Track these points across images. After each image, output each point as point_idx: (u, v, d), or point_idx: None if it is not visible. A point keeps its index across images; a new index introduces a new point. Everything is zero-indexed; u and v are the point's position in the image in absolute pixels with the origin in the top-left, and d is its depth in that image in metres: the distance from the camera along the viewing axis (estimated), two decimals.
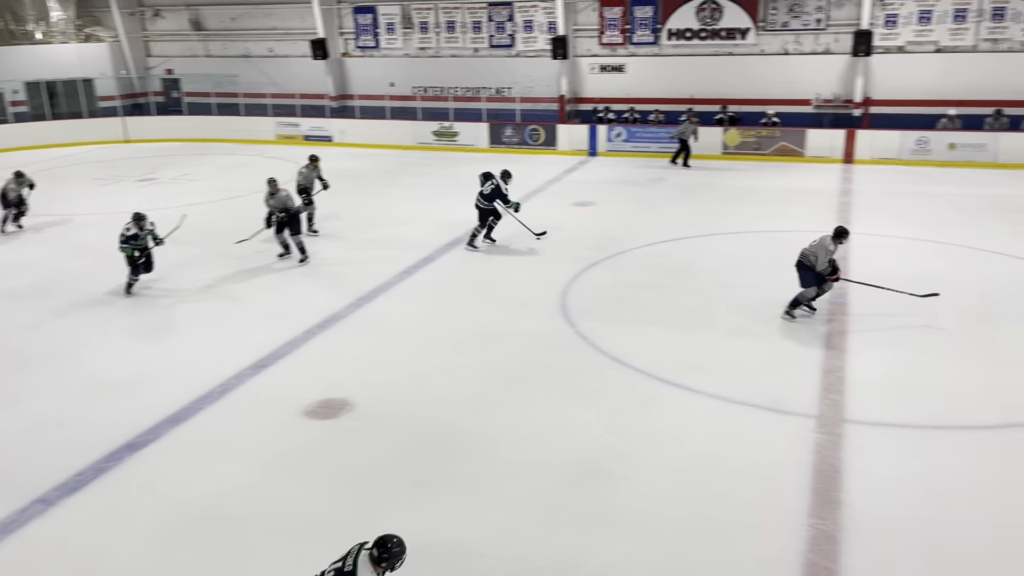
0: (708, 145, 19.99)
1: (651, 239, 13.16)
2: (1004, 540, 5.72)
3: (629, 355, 8.81)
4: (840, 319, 9.68)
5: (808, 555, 5.59)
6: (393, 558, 4.41)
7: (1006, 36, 18.95)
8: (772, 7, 20.67)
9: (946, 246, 12.34)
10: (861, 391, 7.89)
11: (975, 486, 6.35)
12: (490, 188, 12.82)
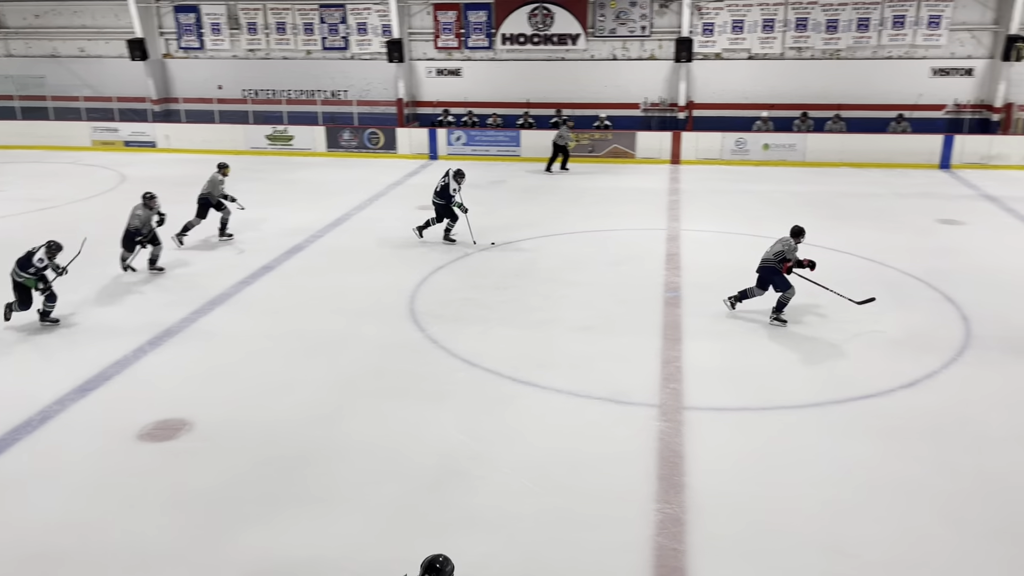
0: (546, 148, 20.48)
1: (495, 241, 13.33)
2: (827, 507, 6.22)
3: (479, 356, 8.89)
4: (674, 311, 10.20)
5: (657, 539, 5.85)
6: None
7: (808, 45, 20.66)
8: (600, 14, 21.48)
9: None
10: (697, 379, 8.35)
11: (798, 460, 6.87)
12: (440, 185, 13.01)
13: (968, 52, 20.14)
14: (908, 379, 8.27)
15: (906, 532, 5.91)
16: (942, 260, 11.99)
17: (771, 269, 9.74)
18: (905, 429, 7.34)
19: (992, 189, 16.68)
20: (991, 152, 18.79)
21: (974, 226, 13.96)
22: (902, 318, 9.87)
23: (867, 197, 16.25)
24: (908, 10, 19.90)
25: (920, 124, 20.00)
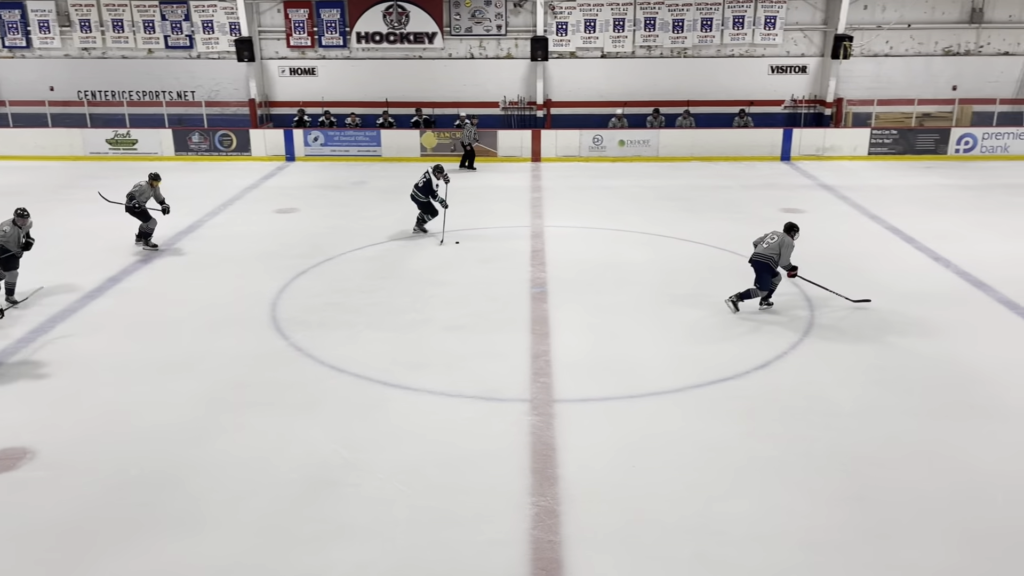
0: (406, 147, 20.38)
1: (359, 243, 13.09)
2: (693, 490, 6.47)
3: (347, 362, 8.69)
4: (542, 307, 10.34)
5: (532, 532, 5.90)
6: None
7: (657, 44, 21.48)
8: (456, 13, 21.51)
9: (624, 232, 13.69)
10: (566, 371, 8.49)
11: (665, 445, 7.10)
12: (423, 181, 13.40)
13: (802, 51, 21.53)
14: (762, 360, 8.73)
15: (767, 507, 6.22)
16: None
17: (766, 265, 9.82)
18: (761, 409, 7.73)
19: (827, 179, 17.90)
20: (825, 144, 20.17)
21: (813, 214, 14.92)
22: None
23: (717, 189, 17.06)
24: (747, 11, 21.05)
25: (761, 119, 21.21)
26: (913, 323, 9.68)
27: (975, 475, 6.61)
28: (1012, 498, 6.30)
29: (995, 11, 21.20)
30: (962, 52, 21.52)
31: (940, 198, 15.87)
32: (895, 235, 13.47)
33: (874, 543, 5.78)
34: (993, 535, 5.86)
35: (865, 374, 8.44)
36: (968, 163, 19.59)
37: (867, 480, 6.56)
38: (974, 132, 20.07)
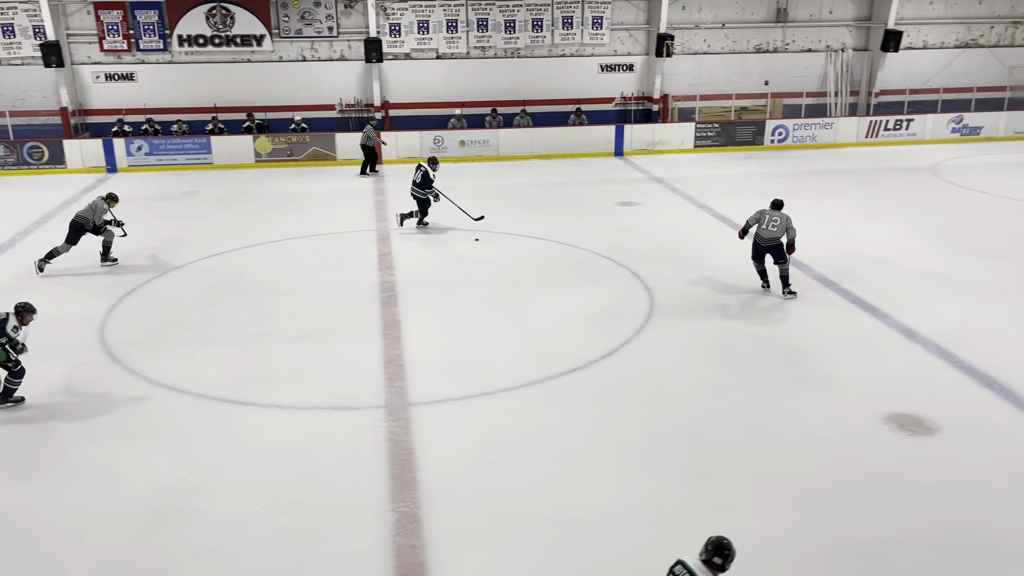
0: (240, 154, 19.60)
1: (194, 256, 12.48)
2: (549, 480, 6.62)
3: (188, 382, 8.28)
4: (392, 310, 10.26)
5: (395, 539, 5.85)
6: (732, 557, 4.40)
7: (491, 44, 21.75)
8: (284, 14, 20.88)
9: (470, 232, 13.79)
10: (420, 374, 8.47)
11: (520, 439, 7.24)
12: (420, 176, 13.52)
13: (628, 50, 22.45)
14: (607, 349, 9.05)
15: (620, 490, 6.47)
16: (625, 238, 13.27)
17: (779, 246, 10.26)
18: (609, 396, 8.02)
19: (658, 172, 18.77)
20: (654, 139, 21.14)
21: (647, 206, 15.62)
22: (597, 294, 10.77)
23: (556, 186, 17.51)
24: (574, 12, 21.71)
25: (595, 116, 21.96)
26: (743, 304, 10.34)
27: (804, 441, 7.15)
28: (837, 459, 6.86)
29: (798, 11, 22.95)
30: (771, 49, 23.15)
31: (759, 186, 17.00)
32: (722, 222, 14.31)
33: (718, 514, 6.13)
34: (823, 495, 6.37)
35: (702, 355, 8.93)
36: (782, 152, 21.11)
37: (708, 455, 6.96)
38: (786, 124, 21.66)
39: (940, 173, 18.19)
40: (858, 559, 5.63)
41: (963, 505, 6.20)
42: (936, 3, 23.48)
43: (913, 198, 15.91)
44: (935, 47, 23.83)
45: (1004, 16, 23.92)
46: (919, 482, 6.50)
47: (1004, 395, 7.87)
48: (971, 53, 23.94)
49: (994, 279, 11.12)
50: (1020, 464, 6.73)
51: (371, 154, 19.04)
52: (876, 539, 5.80)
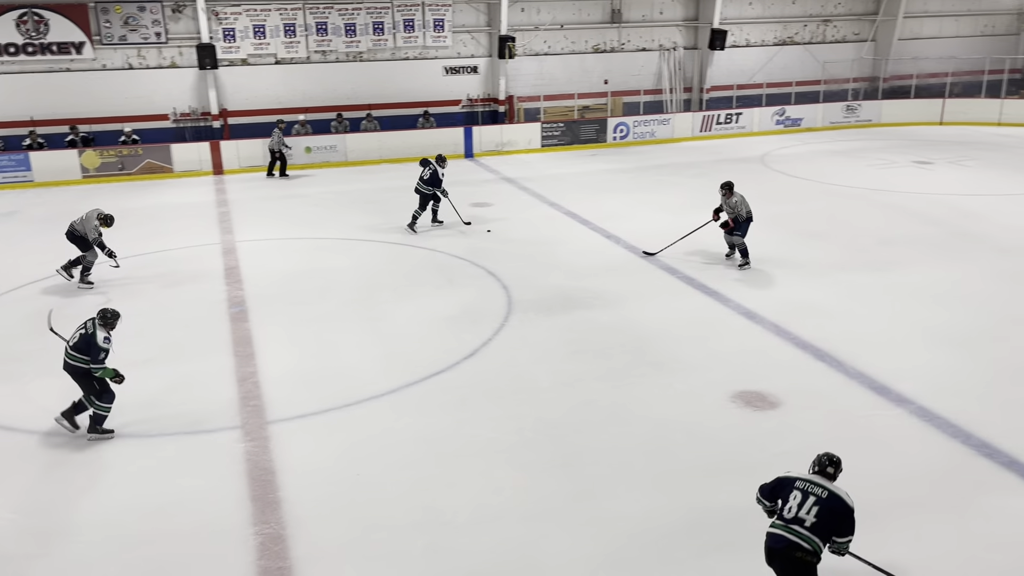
0: (64, 170, 18.30)
1: (16, 282, 11.52)
2: (417, 486, 6.57)
3: (17, 417, 7.64)
4: (243, 326, 9.86)
5: (260, 562, 5.63)
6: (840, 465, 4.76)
7: (332, 48, 21.34)
8: (105, 20, 19.62)
9: (321, 240, 13.49)
10: (277, 390, 8.18)
11: (385, 447, 7.14)
12: (429, 173, 13.71)
13: (471, 52, 22.63)
14: (468, 350, 9.08)
15: (488, 489, 6.50)
16: (479, 239, 13.36)
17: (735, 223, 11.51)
18: (472, 396, 8.05)
19: (508, 172, 19.04)
20: (503, 140, 21.43)
21: (500, 206, 15.79)
22: (455, 296, 10.78)
23: (408, 190, 17.27)
24: (415, 14, 21.65)
25: (443, 119, 21.99)
26: (595, 297, 10.64)
27: (660, 424, 7.44)
28: (691, 439, 7.18)
29: (631, 12, 23.89)
30: (608, 49, 23.98)
31: (605, 182, 17.57)
32: (572, 219, 14.68)
33: (583, 503, 6.29)
34: (680, 473, 6.65)
35: (560, 349, 9.12)
36: (624, 148, 21.91)
37: (571, 446, 7.11)
38: (626, 121, 22.49)
39: (768, 163, 19.43)
40: (716, 531, 5.91)
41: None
42: (755, 4, 25.07)
43: (746, 187, 16.82)
44: (757, 45, 25.44)
45: (815, 15, 25.86)
46: (766, 452, 6.90)
47: (835, 366, 8.49)
48: (788, 50, 25.72)
49: (820, 259, 11.99)
50: (852, 429, 7.28)
51: (281, 158, 18.83)
52: (731, 510, 6.11)
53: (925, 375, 8.22)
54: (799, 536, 4.57)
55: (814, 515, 4.59)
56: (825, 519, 4.59)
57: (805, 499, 4.66)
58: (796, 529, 4.60)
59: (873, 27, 26.42)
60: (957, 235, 12.97)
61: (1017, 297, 10.34)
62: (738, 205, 11.48)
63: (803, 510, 4.62)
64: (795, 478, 4.85)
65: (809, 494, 4.68)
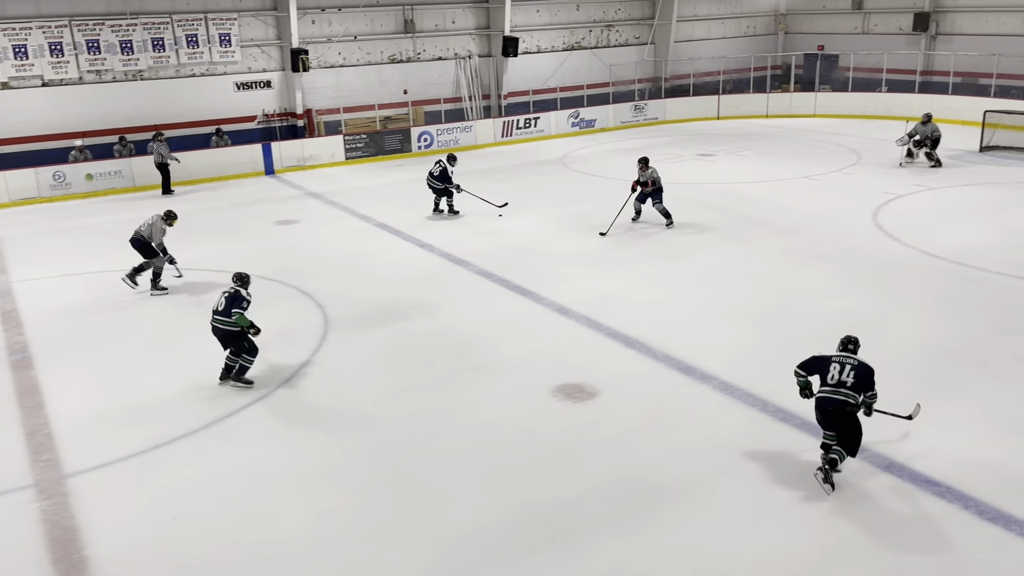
0: None
1: None
2: (245, 522, 6.24)
3: None
4: (28, 375, 8.96)
5: None
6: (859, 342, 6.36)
7: (108, 67, 19.85)
8: None
9: (113, 273, 12.47)
10: (73, 440, 7.50)
11: (203, 486, 6.74)
12: (439, 170, 14.58)
13: (263, 66, 21.85)
14: (286, 374, 8.76)
15: (318, 515, 6.29)
16: (289, 258, 12.93)
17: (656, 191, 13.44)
18: (295, 421, 7.77)
19: (313, 187, 18.56)
20: (305, 154, 20.86)
21: (308, 222, 15.37)
22: (267, 319, 10.32)
23: (208, 211, 16.54)
24: (198, 29, 20.60)
25: (239, 136, 21.08)
26: (414, 307, 10.60)
27: (486, 427, 7.53)
28: (517, 436, 7.32)
29: (424, 22, 24.03)
30: (405, 59, 23.99)
31: (414, 191, 17.51)
32: (384, 230, 14.55)
33: (416, 515, 6.24)
34: (510, 472, 6.75)
35: (382, 363, 9.01)
36: (430, 157, 21.80)
37: (401, 460, 7.04)
38: (430, 130, 22.59)
39: (568, 164, 20.21)
40: (548, 524, 6.06)
41: (626, 455, 6.95)
42: (543, 11, 26.01)
43: (549, 188, 17.50)
44: (548, 51, 26.41)
45: (599, 21, 27.22)
46: (588, 442, 7.16)
47: (644, 352, 8.97)
48: (577, 55, 26.91)
49: (623, 252, 12.62)
50: (665, 408, 7.72)
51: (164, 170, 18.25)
52: (560, 502, 6.29)
53: (724, 351, 8.86)
54: (844, 395, 6.24)
55: (852, 377, 6.25)
56: (859, 379, 6.24)
57: (843, 368, 6.31)
58: (842, 390, 6.25)
59: (651, 31, 28.19)
60: (741, 220, 14.09)
61: (796, 273, 11.39)
62: (653, 173, 13.50)
63: (843, 375, 6.28)
64: (830, 356, 6.42)
65: (845, 364, 6.33)
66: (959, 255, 11.66)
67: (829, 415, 6.30)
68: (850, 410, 6.24)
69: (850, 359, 6.36)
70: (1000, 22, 24.46)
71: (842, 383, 6.25)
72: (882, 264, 11.53)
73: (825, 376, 6.36)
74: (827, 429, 6.41)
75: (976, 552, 5.57)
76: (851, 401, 6.22)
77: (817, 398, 6.40)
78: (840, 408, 6.23)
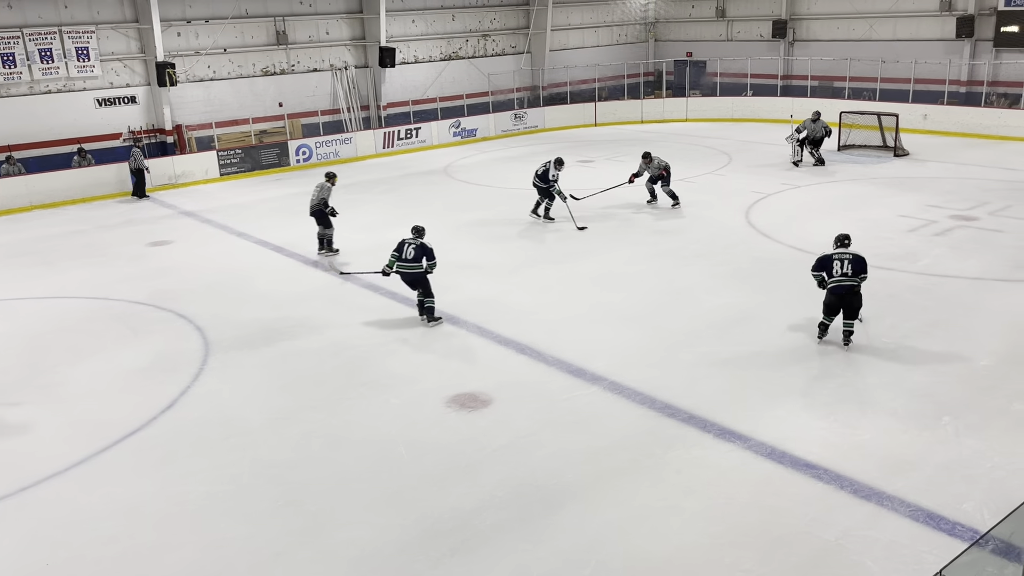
0: None
1: None
2: (124, 561, 5.92)
3: None
4: None
5: None
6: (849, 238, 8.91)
7: None
8: None
9: None
10: None
11: (81, 524, 6.35)
12: (542, 169, 14.48)
13: (126, 81, 20.86)
14: (167, 402, 8.36)
15: (208, 545, 6.04)
16: (163, 280, 12.36)
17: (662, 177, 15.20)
18: (179, 450, 7.43)
19: (187, 205, 17.84)
20: (176, 172, 20.02)
21: (183, 242, 14.75)
22: (143, 346, 9.88)
23: (71, 235, 15.63)
24: (52, 43, 19.45)
25: (103, 155, 20.01)
26: (299, 324, 10.33)
27: (382, 443, 7.41)
28: (414, 450, 7.24)
29: (296, 33, 23.53)
30: (279, 71, 23.41)
31: (294, 206, 17.05)
32: (264, 247, 14.14)
33: (312, 538, 6.07)
34: (408, 487, 6.67)
35: (269, 384, 8.74)
36: (310, 170, 21.46)
37: (294, 482, 6.84)
38: (308, 143, 22.12)
39: (452, 173, 20.23)
40: (448, 536, 6.02)
41: (522, 461, 7.00)
42: (418, 21, 25.96)
43: (434, 198, 17.45)
44: (425, 61, 26.37)
45: (475, 30, 27.40)
46: (484, 450, 7.17)
47: (535, 356, 9.06)
48: (455, 64, 26.99)
49: (510, 259, 12.73)
50: (557, 413, 7.81)
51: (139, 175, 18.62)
52: (459, 513, 6.26)
53: (612, 352, 9.06)
54: (850, 280, 8.61)
55: (850, 267, 8.60)
56: (856, 267, 8.61)
57: (843, 263, 8.63)
58: (845, 279, 8.61)
59: (527, 40, 28.60)
60: (623, 223, 14.47)
61: (674, 272, 11.78)
62: (659, 162, 15.07)
63: (845, 267, 8.62)
64: (831, 254, 8.75)
65: (844, 259, 8.64)
66: (826, 249, 12.30)
67: (842, 298, 8.68)
68: (855, 291, 8.65)
69: (846, 254, 8.68)
70: (850, 28, 26.13)
71: (844, 274, 8.60)
72: (756, 260, 12.08)
73: (831, 270, 8.69)
74: (834, 311, 8.81)
75: (855, 529, 5.89)
76: (855, 285, 8.63)
77: (830, 287, 8.74)
78: (848, 291, 8.65)
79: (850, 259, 8.61)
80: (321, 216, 13.18)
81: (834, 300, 8.72)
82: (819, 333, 9.04)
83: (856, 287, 8.62)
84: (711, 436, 7.23)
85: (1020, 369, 8.26)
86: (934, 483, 6.37)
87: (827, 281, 8.71)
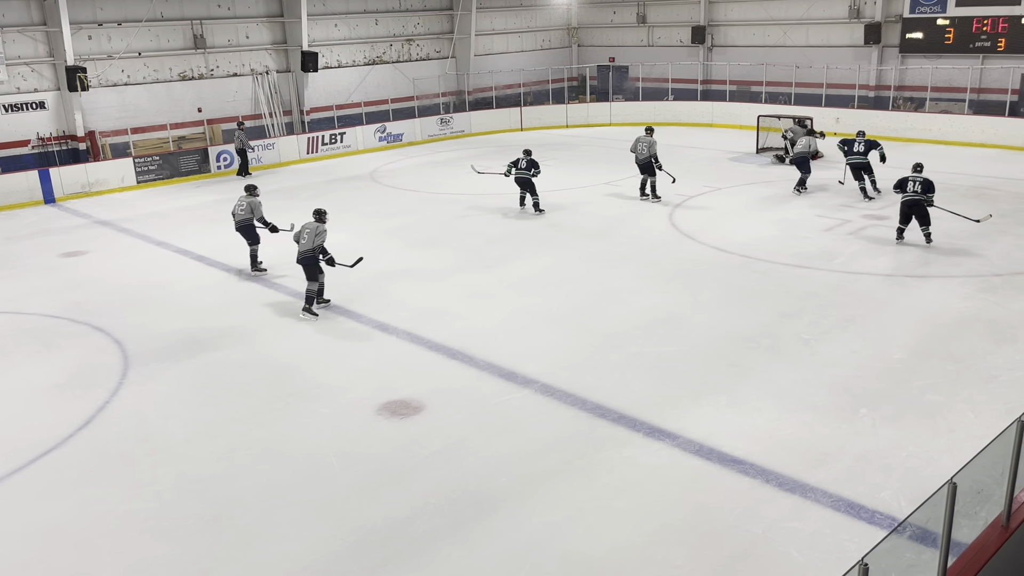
0: None
1: None
2: None
3: None
4: None
5: None
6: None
7: None
8: None
9: None
10: None
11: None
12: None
13: (34, 86, 20.02)
14: (84, 418, 8.05)
15: (129, 566, 5.84)
16: (78, 293, 11.90)
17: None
18: (97, 468, 7.16)
19: (103, 214, 17.21)
20: (90, 180, 19.29)
21: (99, 252, 14.22)
22: (56, 361, 9.49)
23: None
24: None
25: (10, 163, 19.17)
26: (223, 335, 10.08)
27: (311, 454, 7.28)
28: (344, 460, 7.14)
29: (215, 37, 22.97)
30: (197, 76, 22.81)
31: (215, 213, 16.67)
32: (185, 256, 13.75)
33: (240, 553, 5.93)
34: (340, 497, 6.57)
35: (192, 397, 8.50)
36: (231, 177, 21.00)
37: (220, 498, 6.67)
38: (229, 148, 21.58)
39: (378, 178, 20.04)
40: (381, 545, 5.95)
41: (455, 467, 6.97)
42: (341, 26, 25.67)
43: (360, 204, 17.25)
44: (349, 65, 26.08)
45: (399, 35, 27.24)
46: (417, 457, 7.12)
47: (467, 362, 9.05)
48: (380, 69, 26.77)
49: (439, 264, 12.68)
50: (489, 417, 7.81)
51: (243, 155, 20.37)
52: (392, 522, 6.21)
53: (542, 355, 9.11)
54: (919, 195, 12.05)
55: (921, 185, 12.04)
56: (924, 187, 12.05)
57: (914, 183, 12.08)
58: (918, 194, 12.05)
59: (451, 45, 28.58)
60: (550, 227, 14.58)
61: (602, 274, 11.93)
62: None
63: (916, 185, 12.05)
64: (908, 176, 12.23)
65: (916, 180, 12.10)
66: (746, 249, 12.69)
67: (912, 208, 12.19)
68: (924, 204, 12.13)
69: (918, 177, 12.17)
70: (766, 34, 26.94)
71: (915, 191, 12.10)
72: (680, 261, 12.33)
73: (905, 187, 12.24)
74: (907, 219, 12.36)
75: (780, 521, 6.06)
76: (922, 200, 12.10)
77: (902, 202, 12.29)
78: (916, 203, 12.15)
79: (921, 181, 12.07)
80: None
81: (906, 210, 12.23)
82: (896, 236, 12.55)
83: (922, 201, 12.05)
84: (640, 435, 7.34)
85: (931, 362, 8.64)
86: (854, 473, 6.61)
87: (902, 196, 12.23)
